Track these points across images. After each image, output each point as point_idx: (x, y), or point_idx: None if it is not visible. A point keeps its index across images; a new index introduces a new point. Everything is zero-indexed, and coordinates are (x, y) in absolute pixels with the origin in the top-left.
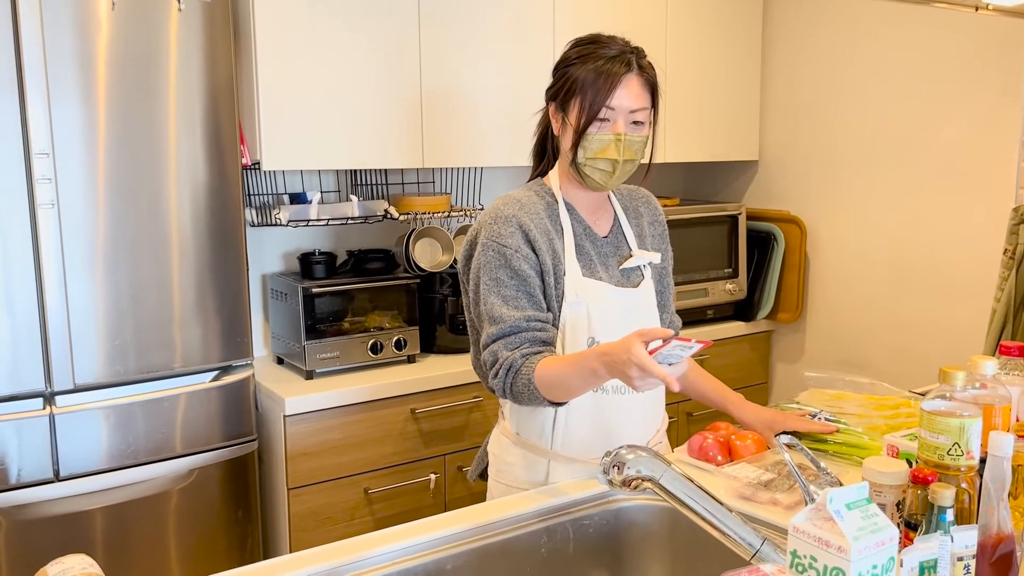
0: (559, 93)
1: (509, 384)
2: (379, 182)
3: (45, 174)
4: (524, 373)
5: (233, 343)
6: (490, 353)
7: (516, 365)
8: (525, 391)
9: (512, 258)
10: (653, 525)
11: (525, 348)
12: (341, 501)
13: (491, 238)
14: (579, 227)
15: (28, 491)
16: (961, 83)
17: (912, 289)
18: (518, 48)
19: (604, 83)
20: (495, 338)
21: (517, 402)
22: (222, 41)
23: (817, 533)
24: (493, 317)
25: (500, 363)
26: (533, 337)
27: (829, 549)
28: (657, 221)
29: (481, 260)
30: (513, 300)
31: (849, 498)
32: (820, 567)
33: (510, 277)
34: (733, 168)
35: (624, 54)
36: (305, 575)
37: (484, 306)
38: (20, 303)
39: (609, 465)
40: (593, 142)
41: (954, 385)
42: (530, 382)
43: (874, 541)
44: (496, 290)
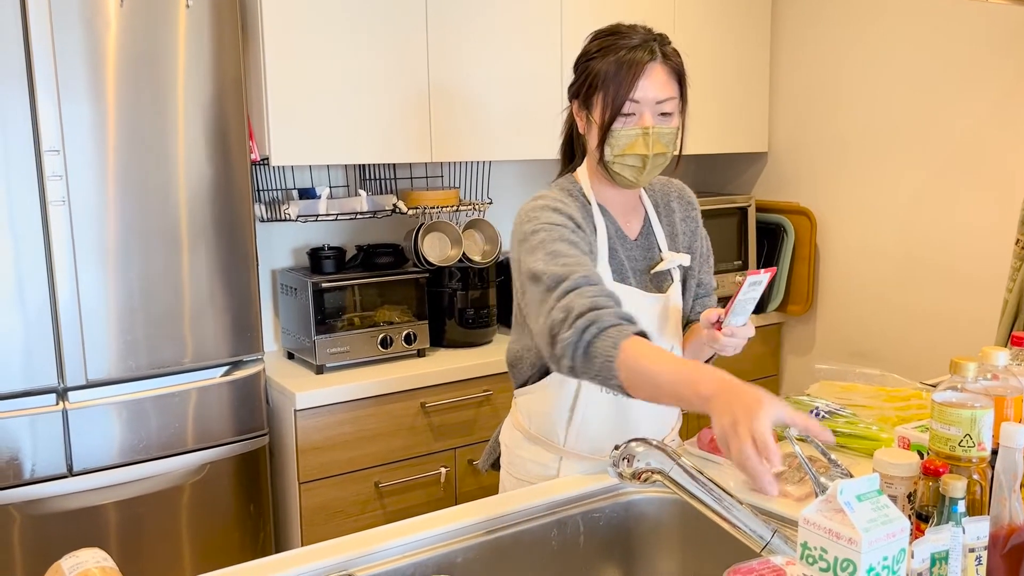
0: (581, 90)
1: (588, 340)
2: (388, 176)
3: (56, 171)
4: (612, 336)
5: (243, 338)
6: (561, 309)
7: (605, 323)
8: (601, 355)
9: (567, 234)
10: (663, 517)
11: (607, 302)
12: (352, 495)
13: (541, 223)
14: (612, 229)
15: (42, 486)
16: (971, 74)
17: (923, 280)
18: (526, 41)
19: (626, 75)
20: (567, 290)
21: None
22: (230, 37)
23: (828, 525)
24: (557, 277)
25: (577, 314)
26: (608, 291)
27: (839, 541)
28: (690, 217)
29: (533, 241)
30: (577, 263)
31: (859, 490)
32: (831, 559)
33: (569, 247)
34: (742, 160)
35: (647, 42)
36: (317, 568)
37: (544, 276)
38: (32, 300)
39: (619, 458)
40: (619, 138)
41: (965, 376)
42: (615, 346)
43: (885, 533)
44: (555, 260)
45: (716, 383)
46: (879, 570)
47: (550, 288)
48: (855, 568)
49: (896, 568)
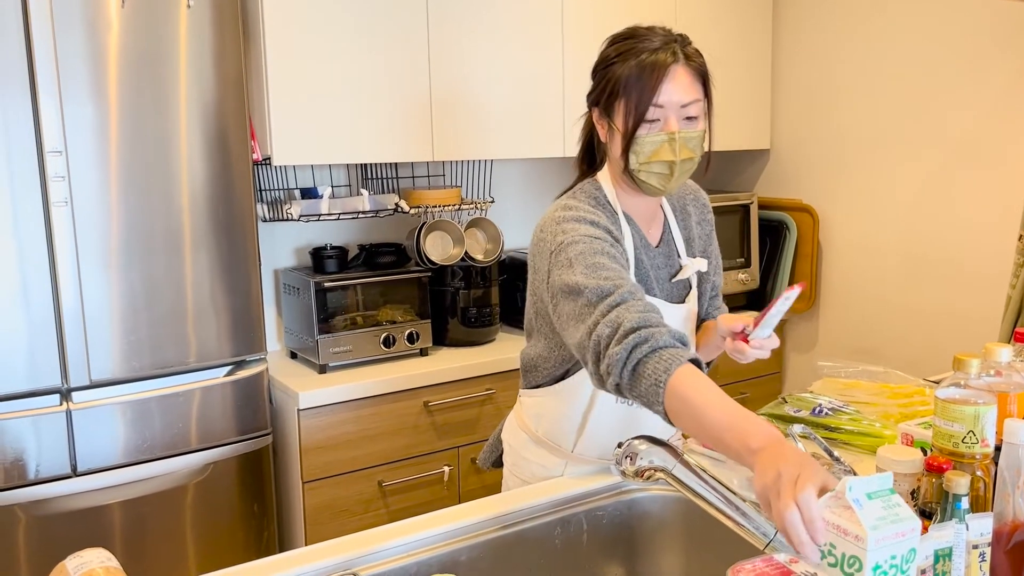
0: (601, 97)
1: (637, 359)
2: (390, 176)
3: (59, 172)
4: (665, 360)
5: (246, 338)
6: (607, 323)
7: (657, 343)
8: (650, 377)
9: (605, 248)
10: (667, 515)
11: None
12: (356, 494)
13: (581, 234)
14: (637, 238)
15: (46, 486)
16: (974, 69)
17: (926, 277)
18: (527, 39)
19: (649, 79)
20: (611, 307)
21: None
22: (231, 37)
23: (836, 521)
24: (601, 291)
25: (627, 330)
26: (654, 307)
27: (847, 537)
28: (705, 220)
29: (571, 253)
30: (619, 278)
31: (870, 488)
32: (839, 555)
33: (610, 260)
34: (745, 157)
35: (667, 44)
36: (320, 568)
37: (585, 290)
38: (35, 300)
39: (622, 456)
40: (644, 145)
41: (968, 373)
42: (667, 372)
43: (894, 531)
44: (597, 273)
45: (765, 437)
46: (886, 568)
47: (593, 302)
48: (861, 565)
49: (905, 568)
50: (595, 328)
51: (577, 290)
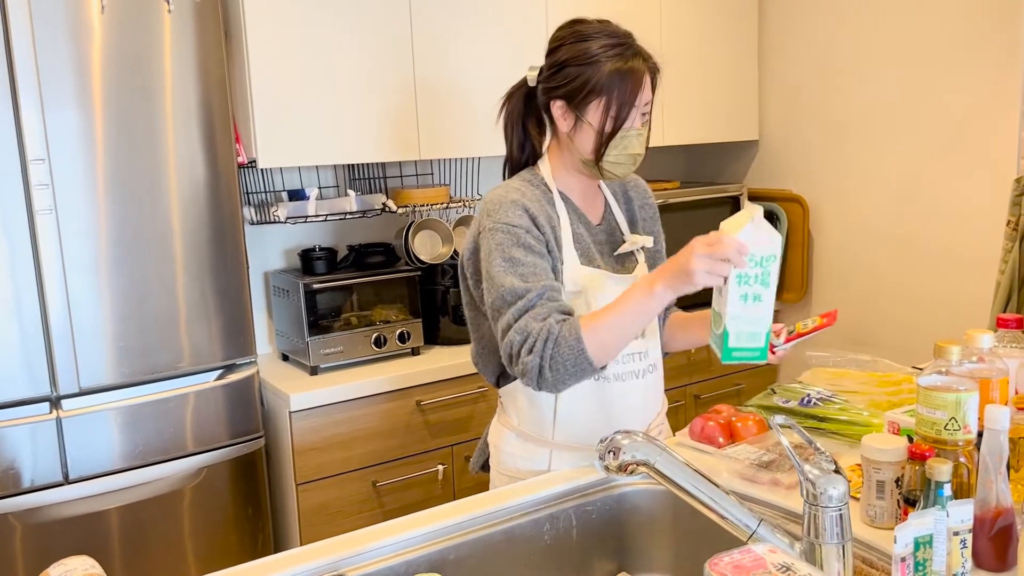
0: (576, 94)
1: (550, 356)
2: (377, 176)
3: (42, 180)
4: (567, 337)
5: (236, 341)
6: (518, 332)
7: (555, 332)
8: (570, 358)
9: (523, 237)
10: (656, 509)
11: (556, 316)
12: (350, 495)
13: (499, 222)
14: (574, 215)
15: (39, 494)
16: (960, 55)
17: (916, 264)
18: (511, 36)
19: (628, 86)
20: (520, 312)
21: (556, 381)
22: (213, 40)
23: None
24: (514, 292)
25: (534, 336)
26: (560, 306)
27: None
28: (647, 204)
29: (491, 244)
30: (532, 276)
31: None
32: (758, 258)
33: (525, 254)
34: (733, 149)
35: (629, 47)
36: (309, 569)
37: (502, 287)
38: (23, 309)
39: (604, 451)
40: (619, 142)
41: (949, 360)
42: (579, 342)
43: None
44: (512, 269)
45: (655, 273)
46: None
47: (507, 302)
48: (775, 258)
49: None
50: (507, 332)
51: (493, 284)
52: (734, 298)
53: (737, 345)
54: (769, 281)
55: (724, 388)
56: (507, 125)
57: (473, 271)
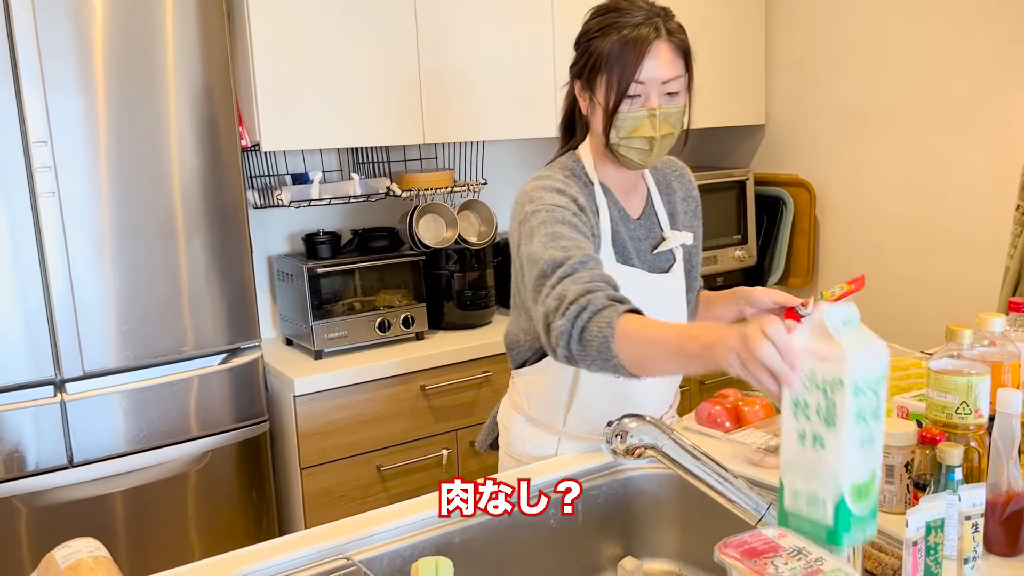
0: (584, 70)
1: (581, 327)
2: (381, 159)
3: (44, 163)
4: (605, 317)
5: (240, 325)
6: (554, 297)
7: (596, 305)
8: (597, 337)
9: (568, 217)
10: (662, 493)
11: (600, 286)
12: (354, 479)
13: (545, 203)
14: (615, 210)
15: (43, 477)
16: (968, 39)
17: (924, 249)
18: (516, 18)
19: (631, 55)
20: (561, 277)
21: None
22: (216, 22)
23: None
24: (554, 262)
25: (568, 300)
26: (604, 276)
27: (827, 361)
28: (690, 196)
29: (533, 223)
30: (575, 248)
31: (843, 316)
32: (819, 379)
33: (569, 230)
34: (740, 133)
35: (650, 19)
36: (314, 552)
37: (541, 262)
38: (27, 292)
39: (612, 435)
40: (626, 121)
41: (961, 343)
42: (609, 325)
43: (868, 351)
44: (554, 243)
45: (715, 331)
46: (863, 388)
47: (546, 274)
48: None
49: (878, 389)
50: (544, 301)
51: (534, 260)
52: (789, 434)
53: (794, 509)
54: (837, 420)
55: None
56: (563, 111)
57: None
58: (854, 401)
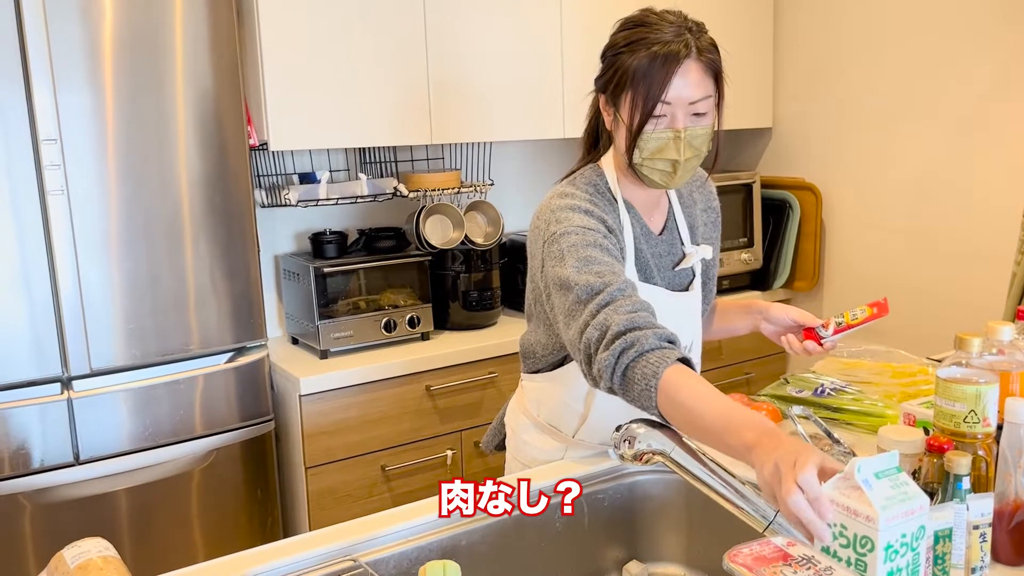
0: (608, 85)
1: (625, 364)
2: (388, 159)
3: (53, 160)
4: (652, 363)
5: (247, 324)
6: (596, 326)
7: (644, 346)
8: (640, 382)
9: (598, 239)
10: (668, 498)
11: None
12: (359, 479)
13: (575, 224)
14: (638, 228)
15: (50, 475)
16: (977, 45)
17: (930, 254)
18: (524, 20)
19: (659, 74)
20: (601, 306)
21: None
22: (225, 21)
23: (846, 502)
24: (591, 288)
25: (614, 331)
26: (644, 304)
27: (857, 518)
28: (711, 208)
29: (563, 245)
30: (610, 273)
31: (878, 467)
32: (850, 535)
33: (601, 253)
34: (747, 136)
35: (680, 35)
36: (321, 554)
37: (576, 287)
38: (34, 289)
39: (620, 440)
40: (649, 142)
41: (970, 352)
42: (655, 376)
43: (903, 510)
44: (587, 268)
45: (759, 430)
46: (897, 547)
47: (583, 300)
48: (873, 545)
49: (915, 545)
50: (585, 330)
51: (567, 285)
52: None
53: None
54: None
55: (734, 376)
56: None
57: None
58: (886, 565)
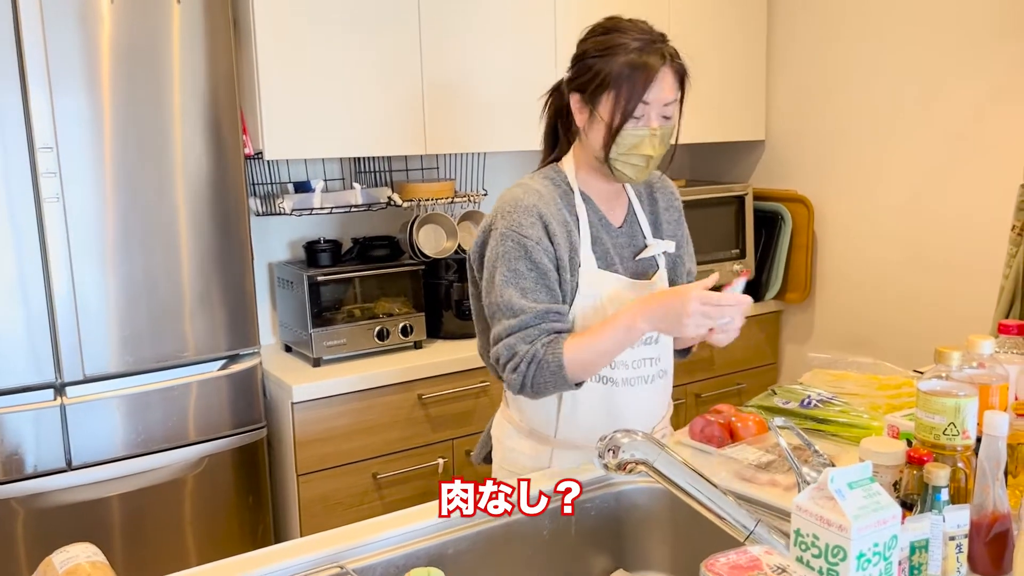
0: (588, 86)
1: (531, 377)
2: (383, 169)
3: (49, 168)
4: (551, 361)
5: (240, 332)
6: (506, 348)
7: (539, 356)
8: (551, 380)
9: (532, 250)
10: (654, 507)
11: (544, 339)
12: (350, 486)
13: (511, 228)
14: (594, 217)
15: (42, 480)
16: (968, 60)
17: (921, 267)
18: (519, 31)
19: (640, 79)
20: (512, 331)
21: (535, 395)
22: (222, 31)
23: (819, 512)
24: (511, 308)
25: (520, 357)
26: (550, 328)
27: (830, 528)
28: (672, 206)
29: (499, 250)
30: (532, 292)
31: (851, 477)
32: (822, 545)
33: (529, 269)
34: (739, 148)
35: (654, 44)
36: (308, 561)
37: (500, 298)
38: (30, 296)
39: (604, 449)
40: (628, 139)
41: (950, 365)
42: (560, 368)
43: (875, 520)
44: (514, 282)
45: (641, 309)
46: (870, 556)
47: (504, 314)
48: (845, 554)
49: (888, 554)
50: (497, 344)
51: (492, 289)
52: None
53: None
54: None
55: (725, 387)
56: (545, 121)
57: (479, 265)
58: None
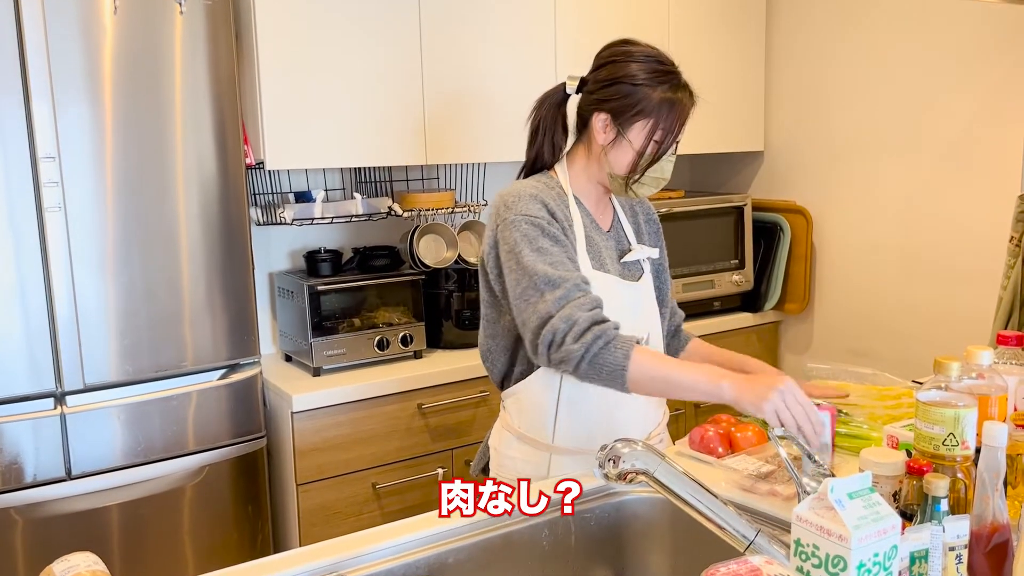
0: (622, 112)
1: (595, 353)
2: (383, 179)
3: (52, 178)
4: (620, 348)
5: (240, 341)
6: (563, 320)
7: (610, 336)
8: (610, 368)
9: (548, 228)
10: (654, 517)
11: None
12: (349, 496)
13: (520, 213)
14: (587, 219)
15: (41, 490)
16: (965, 71)
17: (919, 278)
18: (520, 42)
19: (679, 116)
20: (562, 301)
21: (589, 372)
22: (224, 42)
23: (819, 522)
24: (550, 281)
25: (581, 326)
26: (600, 302)
27: (830, 537)
28: (651, 220)
29: (516, 236)
30: (562, 265)
31: (851, 487)
32: (822, 555)
33: (551, 244)
34: (738, 159)
35: (677, 76)
36: (308, 570)
37: (536, 275)
38: (30, 305)
39: (604, 459)
40: (656, 166)
41: (949, 375)
42: (626, 359)
43: (876, 530)
44: (543, 258)
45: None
46: (870, 566)
47: (540, 289)
48: (846, 564)
49: (888, 564)
50: (549, 320)
51: (523, 270)
52: None
53: None
54: None
55: None
56: (537, 130)
57: (495, 264)
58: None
